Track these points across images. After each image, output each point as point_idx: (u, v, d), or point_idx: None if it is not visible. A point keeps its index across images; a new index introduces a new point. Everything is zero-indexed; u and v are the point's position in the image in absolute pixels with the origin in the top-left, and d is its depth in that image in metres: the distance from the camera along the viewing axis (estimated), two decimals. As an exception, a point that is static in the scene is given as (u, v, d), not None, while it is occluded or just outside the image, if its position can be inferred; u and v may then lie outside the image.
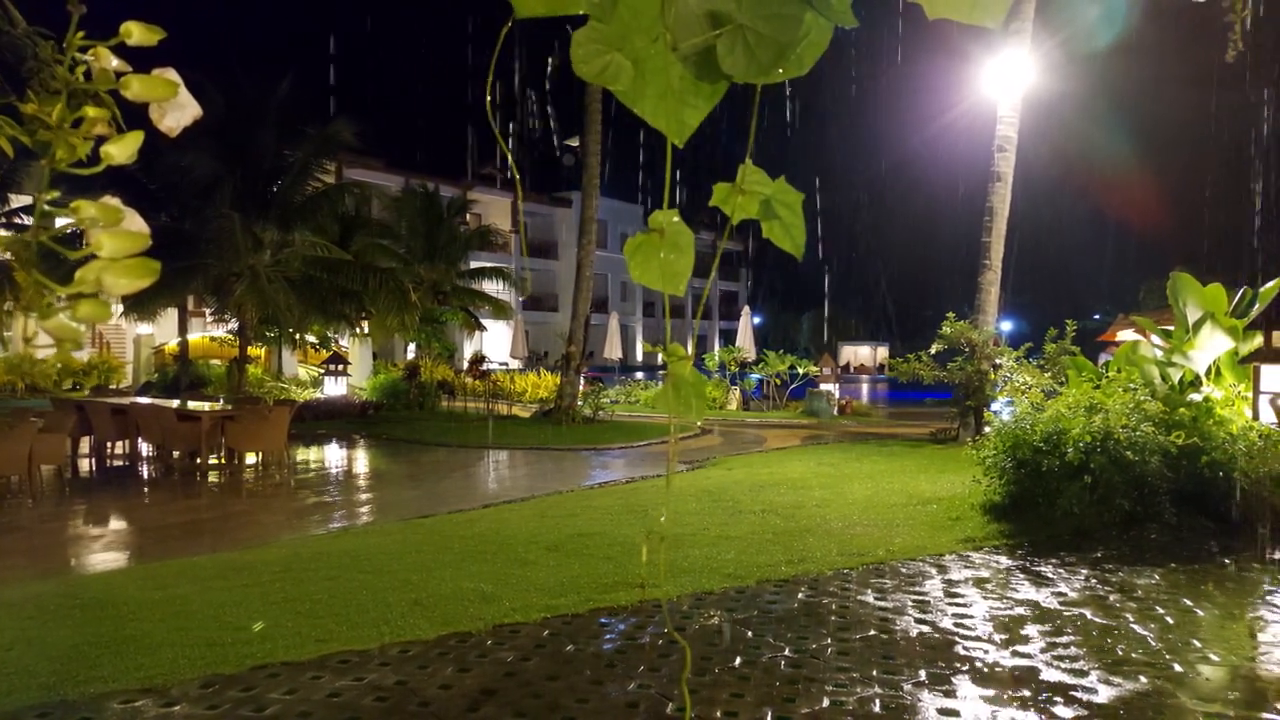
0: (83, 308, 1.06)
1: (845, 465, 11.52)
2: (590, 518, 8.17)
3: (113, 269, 1.06)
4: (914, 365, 14.32)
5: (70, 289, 1.06)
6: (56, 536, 8.35)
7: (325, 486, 11.08)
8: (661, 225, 1.33)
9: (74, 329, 1.07)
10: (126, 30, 1.16)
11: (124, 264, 1.07)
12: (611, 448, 14.75)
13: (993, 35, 13.98)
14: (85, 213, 1.12)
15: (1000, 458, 7.79)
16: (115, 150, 1.16)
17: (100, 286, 1.05)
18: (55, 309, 1.05)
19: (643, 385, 23.60)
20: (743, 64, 1.26)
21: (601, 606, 5.34)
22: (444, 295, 26.26)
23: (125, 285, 1.07)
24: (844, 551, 6.68)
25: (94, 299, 1.07)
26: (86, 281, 1.06)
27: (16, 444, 9.68)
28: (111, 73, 1.17)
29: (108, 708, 3.88)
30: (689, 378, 1.36)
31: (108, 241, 1.08)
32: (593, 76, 1.31)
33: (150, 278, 1.09)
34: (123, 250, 1.09)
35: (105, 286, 1.05)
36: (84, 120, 1.16)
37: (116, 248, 1.09)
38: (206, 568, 6.52)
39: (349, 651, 4.54)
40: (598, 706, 3.93)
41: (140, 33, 1.16)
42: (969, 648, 4.65)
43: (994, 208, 14.41)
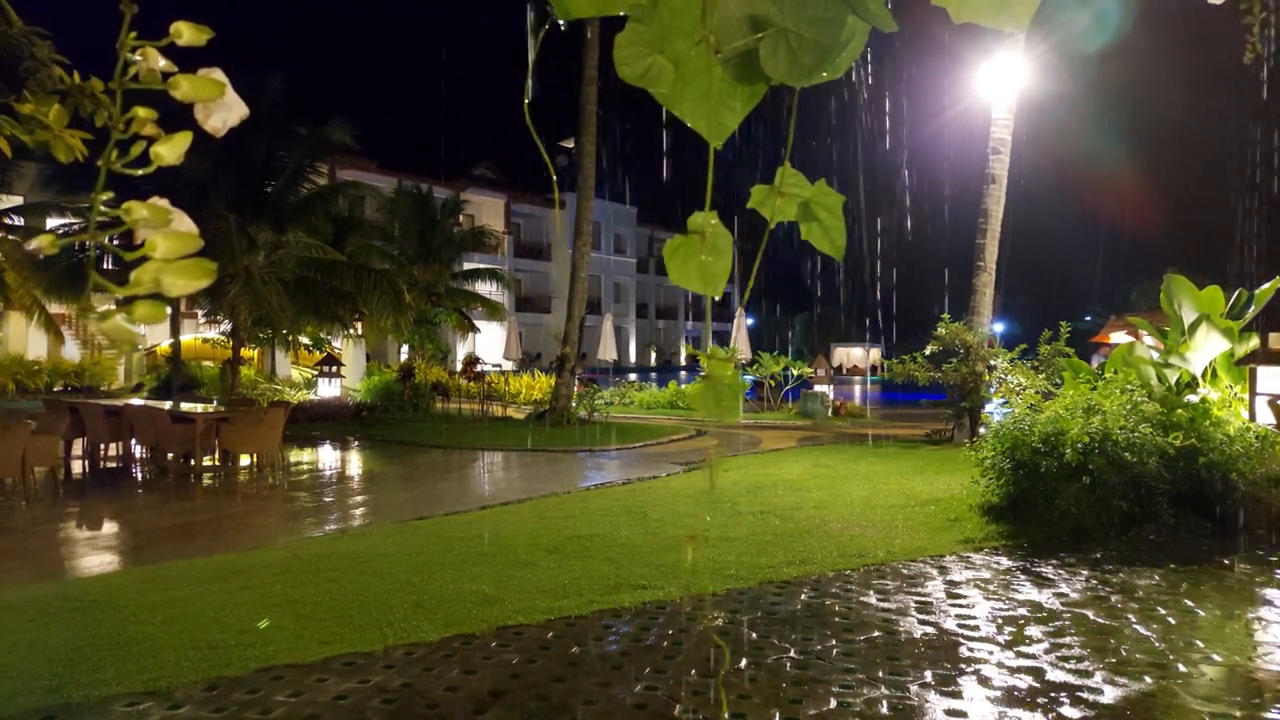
0: (139, 309, 1.06)
1: (842, 466, 11.55)
2: (589, 519, 8.16)
3: (169, 270, 1.06)
4: (909, 366, 14.37)
5: (127, 290, 1.05)
6: (52, 539, 8.28)
7: (320, 488, 11.04)
8: (701, 227, 1.33)
9: (130, 331, 1.07)
10: (177, 30, 1.15)
11: (180, 264, 1.07)
12: (607, 449, 14.74)
13: (987, 38, 14.05)
14: (137, 214, 1.12)
15: (999, 459, 7.83)
16: (165, 150, 1.15)
17: (158, 287, 1.05)
18: (112, 310, 1.05)
19: (637, 387, 23.59)
20: (785, 67, 1.26)
21: (605, 608, 5.34)
22: (437, 296, 26.22)
23: (182, 286, 1.07)
24: (844, 553, 6.69)
25: (150, 300, 1.07)
26: (142, 283, 1.06)
27: (10, 446, 9.60)
28: (159, 73, 1.16)
29: (112, 710, 3.85)
30: (728, 379, 1.36)
31: (162, 242, 1.08)
32: (635, 78, 1.32)
33: (208, 278, 1.09)
34: (176, 251, 1.08)
35: (163, 287, 1.04)
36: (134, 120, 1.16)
37: (170, 249, 1.08)
38: (205, 570, 6.48)
39: (353, 654, 4.53)
40: (605, 708, 3.93)
41: (190, 33, 1.16)
42: (974, 649, 4.66)
43: (989, 210, 14.47)
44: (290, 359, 24.68)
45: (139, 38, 1.12)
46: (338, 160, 27.56)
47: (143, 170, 1.15)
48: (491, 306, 27.53)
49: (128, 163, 1.12)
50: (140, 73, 1.18)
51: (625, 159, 70.38)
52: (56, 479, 10.84)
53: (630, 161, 72.28)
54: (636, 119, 52.05)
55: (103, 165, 1.08)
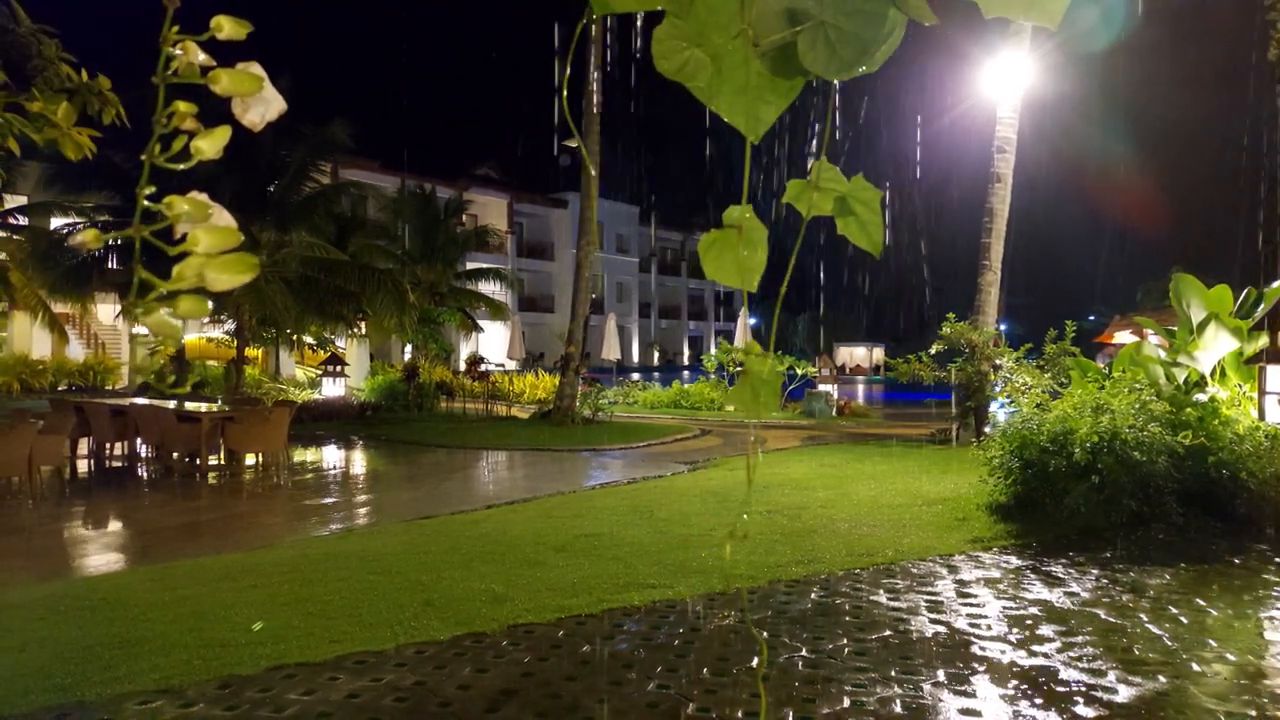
0: (183, 303, 1.05)
1: (847, 466, 11.54)
2: (596, 518, 8.15)
3: (213, 264, 1.05)
4: (914, 366, 14.35)
5: (171, 285, 1.05)
6: (59, 538, 8.29)
7: (326, 488, 11.04)
8: (737, 221, 1.33)
9: (173, 325, 1.06)
10: (217, 24, 1.15)
11: (223, 259, 1.07)
12: (611, 449, 14.74)
13: (992, 36, 14.04)
14: (179, 208, 1.11)
15: (1006, 458, 7.81)
16: (205, 144, 1.14)
17: (201, 282, 1.05)
18: (156, 305, 1.05)
19: (640, 386, 23.58)
20: (824, 60, 1.25)
21: (615, 607, 5.33)
22: (441, 296, 26.23)
23: (226, 280, 1.06)
24: (853, 552, 6.68)
25: (193, 295, 1.06)
26: (186, 277, 1.05)
27: (16, 445, 9.61)
28: (198, 67, 1.16)
29: (125, 708, 3.85)
30: (766, 374, 1.36)
31: (204, 237, 1.08)
32: (672, 73, 1.31)
33: (251, 273, 1.08)
34: (218, 245, 1.08)
35: (207, 282, 1.04)
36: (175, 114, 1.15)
37: (213, 243, 1.08)
38: (213, 569, 6.48)
39: (364, 652, 4.52)
40: (618, 707, 3.92)
41: (230, 26, 1.15)
42: (985, 648, 4.65)
43: (994, 209, 14.44)
44: (294, 358, 24.70)
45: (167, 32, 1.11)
46: (340, 160, 27.57)
47: (184, 165, 1.14)
48: (495, 306, 27.54)
49: (170, 157, 1.11)
50: (179, 67, 1.17)
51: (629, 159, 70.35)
52: (62, 478, 10.86)
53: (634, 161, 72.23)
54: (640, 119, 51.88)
55: (146, 160, 1.08)
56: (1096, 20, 14.55)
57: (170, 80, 1.12)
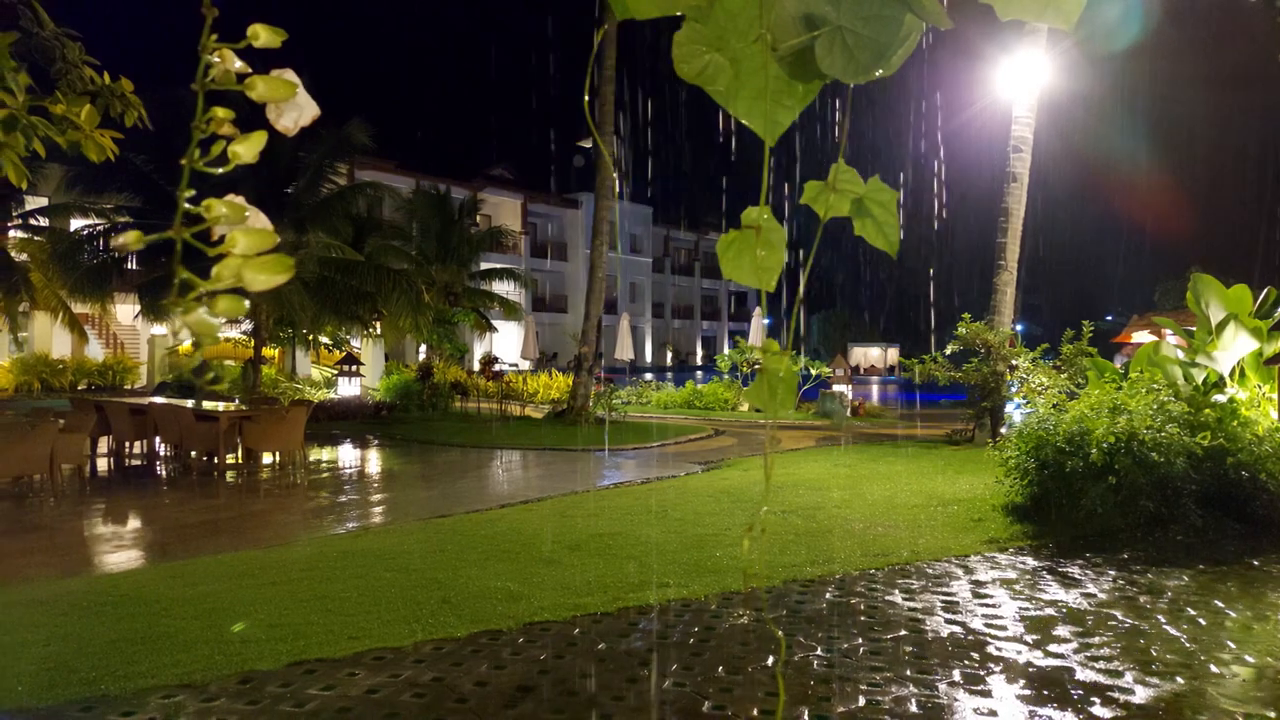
0: (221, 303, 1.09)
1: (862, 466, 11.52)
2: (610, 518, 8.18)
3: (251, 265, 1.09)
4: (929, 366, 14.30)
5: (210, 284, 1.08)
6: (80, 535, 8.40)
7: (342, 486, 11.13)
8: (755, 222, 1.35)
9: (211, 324, 1.10)
10: (253, 33, 1.18)
11: (261, 260, 1.10)
12: (625, 449, 14.77)
13: (1008, 35, 13.97)
14: (217, 210, 1.15)
15: (1023, 458, 7.78)
16: (242, 149, 1.18)
17: (239, 282, 1.08)
18: (195, 304, 1.08)
19: (654, 386, 23.59)
20: (841, 64, 1.27)
21: (630, 605, 5.36)
22: (455, 296, 26.34)
23: (264, 280, 1.10)
24: (867, 552, 6.68)
25: (231, 294, 1.10)
26: (224, 278, 1.09)
27: (39, 444, 9.75)
28: (234, 73, 1.19)
29: (148, 702, 3.91)
30: (783, 372, 1.38)
31: (242, 238, 1.11)
32: (692, 76, 1.34)
33: (287, 273, 1.12)
34: (255, 247, 1.11)
35: (245, 282, 1.07)
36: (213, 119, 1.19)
37: (250, 244, 1.11)
38: (233, 566, 6.55)
39: (383, 649, 4.57)
40: (634, 704, 3.94)
41: (267, 35, 1.19)
42: (1001, 648, 4.65)
43: (1009, 208, 14.38)
44: (311, 358, 24.88)
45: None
46: (357, 161, 27.74)
47: (222, 169, 1.18)
48: (509, 306, 27.63)
49: (209, 161, 1.15)
50: (217, 74, 1.21)
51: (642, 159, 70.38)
52: (83, 476, 10.99)
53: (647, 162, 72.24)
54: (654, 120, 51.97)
55: (186, 164, 1.11)
56: (1114, 20, 14.45)
57: (210, 87, 1.15)
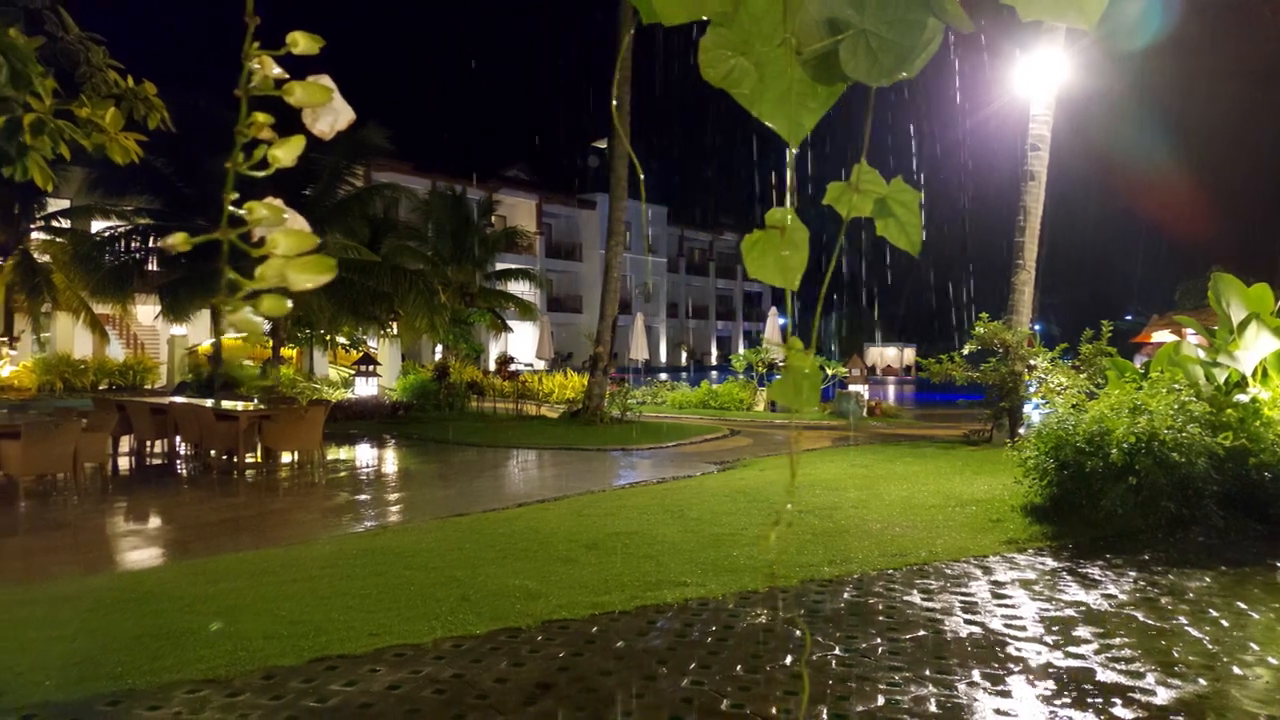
0: (265, 302, 1.12)
1: (878, 466, 11.48)
2: (627, 517, 8.21)
3: (294, 265, 1.12)
4: (946, 366, 14.24)
5: (254, 284, 1.11)
6: (104, 532, 8.51)
7: (360, 485, 11.21)
8: (780, 222, 1.37)
9: (256, 322, 1.13)
10: (292, 40, 1.21)
11: (303, 260, 1.13)
12: (640, 448, 14.79)
13: (1025, 33, 13.88)
14: (258, 213, 1.18)
15: (1042, 459, 7.74)
16: (281, 152, 1.21)
17: (283, 282, 1.11)
18: (240, 303, 1.11)
19: (669, 386, 23.60)
20: (865, 68, 1.29)
21: (648, 604, 5.38)
22: (471, 297, 26.46)
23: (306, 280, 1.12)
24: (885, 552, 6.67)
25: (274, 294, 1.13)
26: (267, 278, 1.12)
27: (63, 443, 9.87)
28: (272, 79, 1.22)
29: (174, 697, 3.96)
30: (808, 369, 1.40)
31: (283, 240, 1.14)
32: (718, 80, 1.36)
33: (329, 274, 1.15)
34: (297, 248, 1.14)
35: (289, 282, 1.10)
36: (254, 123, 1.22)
37: (292, 245, 1.14)
38: (253, 563, 6.62)
39: (403, 645, 4.61)
40: (653, 702, 3.96)
41: (305, 42, 1.22)
42: (1021, 648, 4.64)
43: (1027, 207, 14.30)
44: (328, 358, 25.06)
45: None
46: (373, 163, 27.90)
47: (263, 172, 1.21)
48: (524, 306, 27.73)
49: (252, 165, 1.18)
50: (255, 79, 1.23)
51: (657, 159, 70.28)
52: (105, 475, 11.12)
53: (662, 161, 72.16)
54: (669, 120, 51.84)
55: (230, 168, 1.14)
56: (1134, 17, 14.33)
57: (253, 92, 1.18)
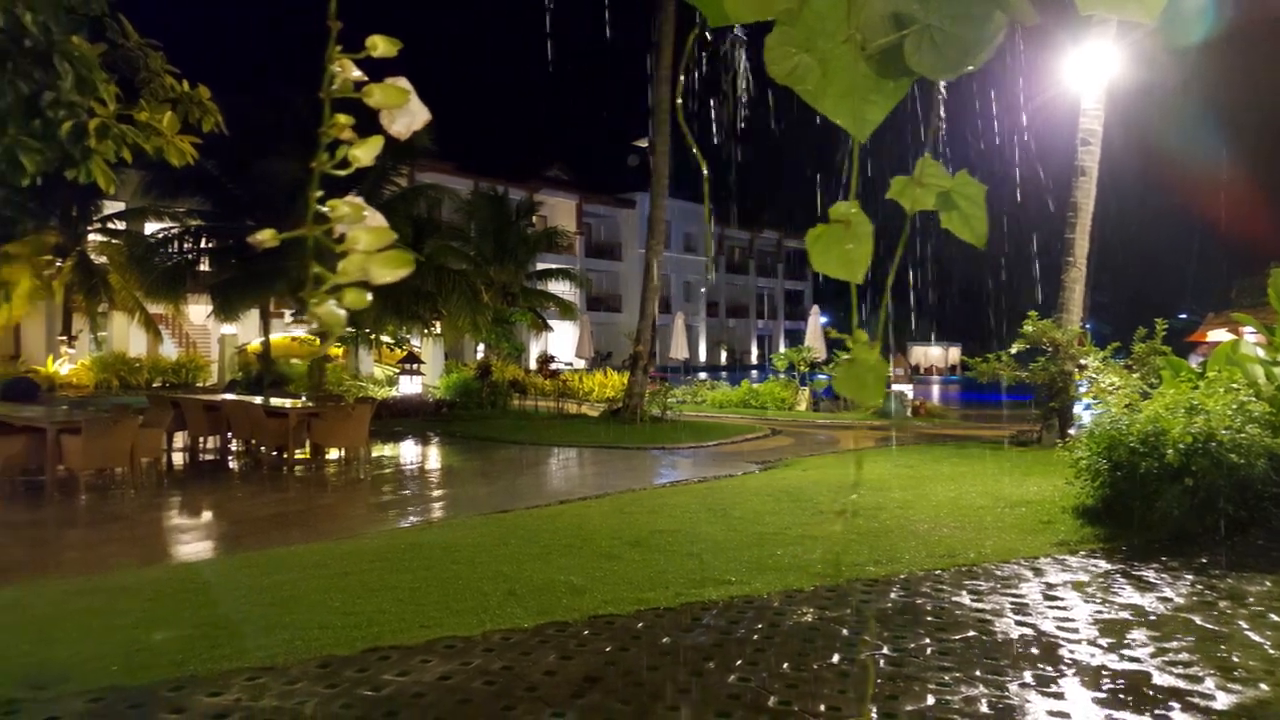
0: (348, 296, 1.16)
1: (924, 467, 11.35)
2: (669, 515, 8.22)
3: (375, 260, 1.16)
4: (993, 365, 14.01)
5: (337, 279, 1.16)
6: (160, 525, 8.77)
7: (405, 482, 11.39)
8: (844, 216, 1.38)
9: (338, 316, 1.17)
10: (372, 44, 1.25)
11: (384, 256, 1.17)
12: (681, 447, 14.79)
13: (1077, 25, 13.59)
14: (340, 211, 1.22)
15: (1094, 459, 7.58)
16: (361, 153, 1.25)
17: (364, 276, 1.15)
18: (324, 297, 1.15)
19: (709, 385, 23.56)
20: (930, 62, 1.29)
21: (693, 601, 5.39)
22: (513, 296, 26.69)
23: (387, 275, 1.17)
24: (932, 553, 6.60)
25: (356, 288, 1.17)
26: (349, 273, 1.16)
27: (120, 438, 10.17)
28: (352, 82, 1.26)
29: (233, 684, 4.07)
30: (873, 362, 1.41)
31: (364, 236, 1.18)
32: (782, 77, 1.37)
33: (408, 268, 1.19)
34: (376, 243, 1.18)
35: (370, 276, 1.14)
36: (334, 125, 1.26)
37: (372, 241, 1.18)
38: (305, 556, 6.77)
39: (453, 637, 4.68)
40: (700, 697, 3.98)
41: (384, 45, 1.26)
42: (1074, 650, 4.56)
43: (1078, 203, 14.01)
44: (373, 357, 25.47)
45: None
46: (417, 163, 28.28)
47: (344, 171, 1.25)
48: (564, 306, 27.88)
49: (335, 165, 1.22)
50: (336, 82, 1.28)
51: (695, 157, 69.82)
52: (160, 470, 11.44)
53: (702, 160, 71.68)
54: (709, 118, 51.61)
55: (316, 168, 1.19)
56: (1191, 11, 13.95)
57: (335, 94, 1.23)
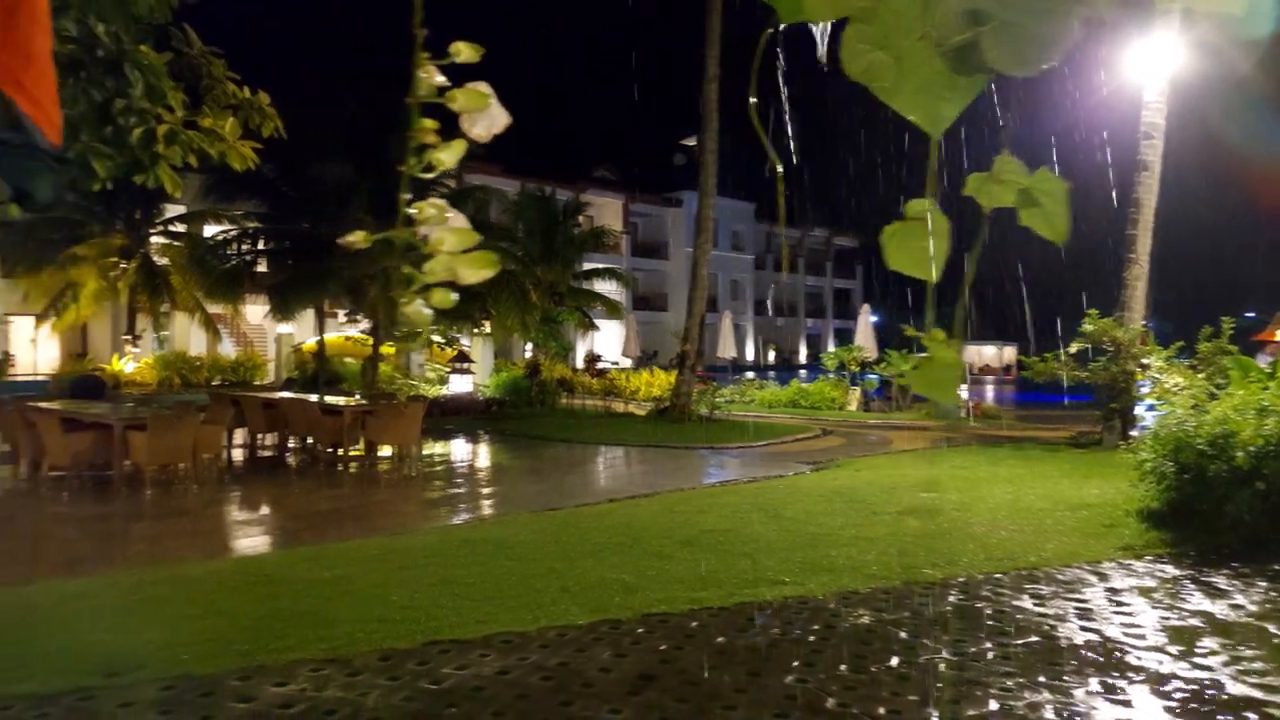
0: (436, 295, 1.19)
1: (980, 469, 11.13)
2: (719, 515, 8.20)
3: (461, 261, 1.18)
4: (1051, 365, 13.68)
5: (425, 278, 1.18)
6: (222, 519, 9.03)
7: (457, 478, 11.55)
8: (921, 214, 1.36)
9: (425, 315, 1.20)
10: (456, 50, 1.27)
11: (470, 256, 1.19)
12: (729, 447, 14.73)
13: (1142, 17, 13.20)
14: (426, 213, 1.25)
15: (1160, 462, 7.37)
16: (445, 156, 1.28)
17: (451, 276, 1.18)
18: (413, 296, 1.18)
19: (757, 385, 23.42)
20: (1008, 58, 1.27)
21: (746, 601, 5.36)
22: (560, 296, 26.87)
23: (473, 275, 1.19)
24: (991, 556, 6.47)
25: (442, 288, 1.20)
26: (436, 272, 1.18)
27: (183, 435, 10.48)
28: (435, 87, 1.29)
29: (299, 674, 4.16)
30: (949, 360, 1.39)
31: (449, 237, 1.21)
32: (857, 74, 1.36)
33: (493, 268, 1.21)
34: (461, 245, 1.20)
35: (457, 276, 1.17)
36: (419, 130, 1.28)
37: (457, 242, 1.21)
38: (362, 551, 6.91)
39: (509, 633, 4.73)
40: (756, 697, 3.96)
41: (468, 51, 1.28)
42: (1142, 658, 4.43)
43: (1140, 199, 13.61)
44: (424, 356, 25.86)
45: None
46: (465, 165, 28.66)
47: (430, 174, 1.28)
48: (610, 305, 27.97)
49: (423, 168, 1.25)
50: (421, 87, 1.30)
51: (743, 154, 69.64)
52: (220, 466, 11.77)
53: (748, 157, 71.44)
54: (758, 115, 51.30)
55: (405, 171, 1.22)
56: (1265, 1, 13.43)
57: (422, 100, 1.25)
